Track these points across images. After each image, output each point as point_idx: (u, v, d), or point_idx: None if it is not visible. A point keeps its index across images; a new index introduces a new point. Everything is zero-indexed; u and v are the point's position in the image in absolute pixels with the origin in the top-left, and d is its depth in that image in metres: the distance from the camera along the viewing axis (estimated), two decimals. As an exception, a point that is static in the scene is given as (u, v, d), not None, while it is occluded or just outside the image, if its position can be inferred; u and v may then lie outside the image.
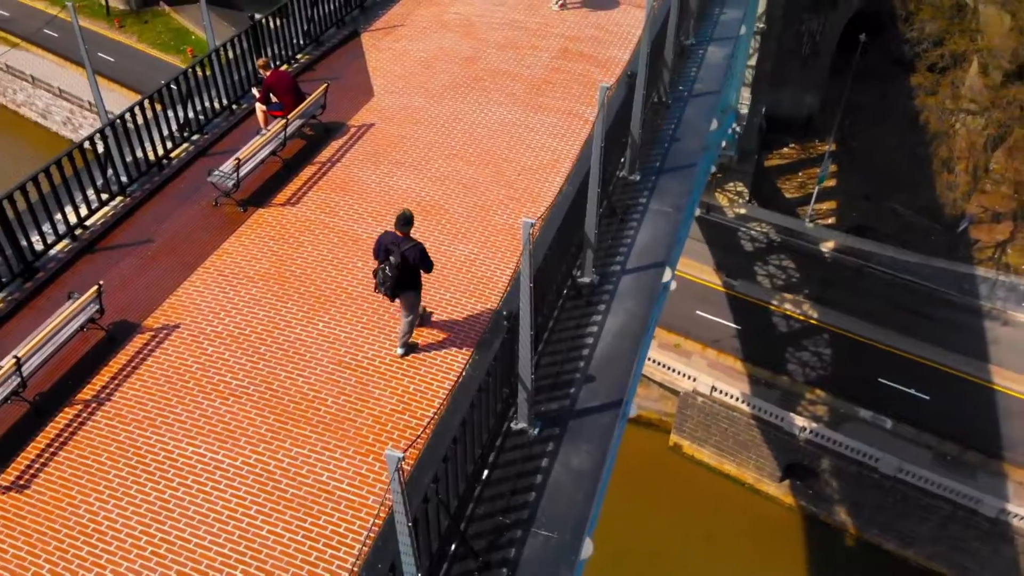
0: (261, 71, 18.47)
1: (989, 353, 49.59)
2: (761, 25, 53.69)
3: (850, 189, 57.94)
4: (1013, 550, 43.79)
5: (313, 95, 18.64)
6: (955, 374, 48.50)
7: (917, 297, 52.47)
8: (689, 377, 48.48)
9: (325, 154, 18.51)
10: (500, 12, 24.13)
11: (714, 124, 20.46)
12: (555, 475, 12.49)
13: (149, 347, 14.20)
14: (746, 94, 56.91)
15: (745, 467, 48.44)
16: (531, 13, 23.97)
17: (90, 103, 65.70)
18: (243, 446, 12.56)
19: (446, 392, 13.28)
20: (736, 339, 51.13)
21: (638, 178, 18.18)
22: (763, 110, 59.75)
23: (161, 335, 14.39)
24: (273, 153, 17.90)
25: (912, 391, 47.71)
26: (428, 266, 12.84)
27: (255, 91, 18.88)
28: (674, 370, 49.03)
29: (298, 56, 22.17)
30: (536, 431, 13.02)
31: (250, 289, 15.21)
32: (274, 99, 18.24)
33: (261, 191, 17.47)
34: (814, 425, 46.20)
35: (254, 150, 17.08)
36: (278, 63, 21.42)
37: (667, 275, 16.62)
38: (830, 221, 57.17)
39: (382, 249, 12.73)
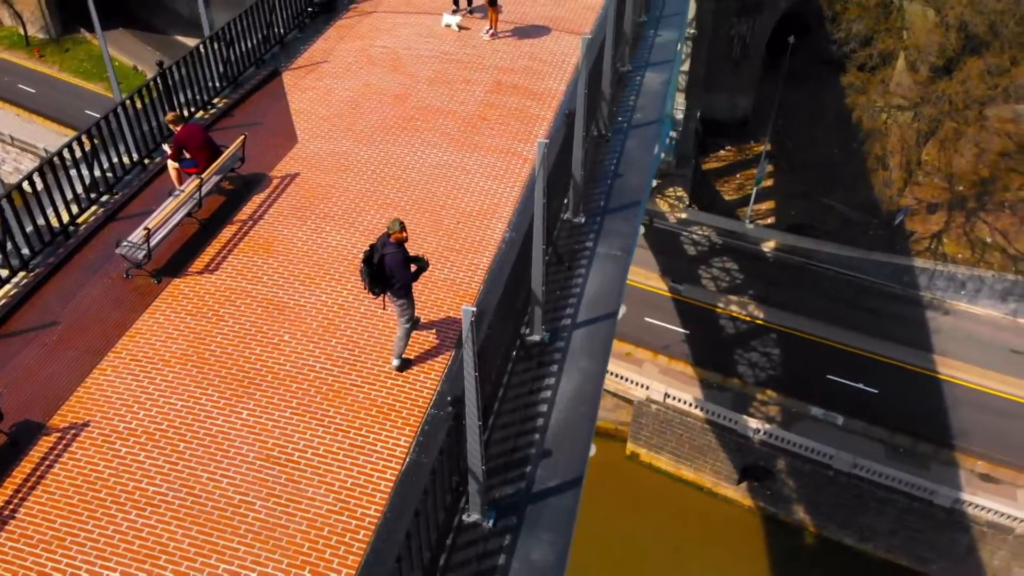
0: (171, 126, 16.62)
1: (933, 343, 49.17)
2: (692, 31, 52.76)
3: (787, 188, 57.27)
4: (969, 538, 43.30)
5: (230, 148, 16.83)
6: (901, 366, 47.98)
7: (859, 292, 51.92)
8: (642, 385, 47.29)
9: (246, 211, 16.71)
10: (429, 44, 22.44)
11: (656, 151, 19.01)
12: (514, 573, 10.97)
13: (56, 451, 12.34)
14: (681, 99, 56.01)
15: (703, 472, 47.42)
16: (461, 44, 22.32)
17: (11, 137, 62.70)
18: (164, 565, 10.81)
19: (388, 484, 11.67)
20: (686, 344, 50.11)
21: (583, 220, 16.69)
22: (698, 114, 58.87)
23: (69, 436, 12.54)
24: (189, 215, 16.07)
25: (860, 386, 47.12)
26: (404, 275, 12.47)
27: (166, 147, 17.00)
28: (627, 379, 47.77)
29: (215, 100, 20.28)
30: (491, 523, 11.45)
31: (166, 375, 13.40)
32: (187, 156, 16.39)
33: (177, 258, 15.63)
34: (767, 426, 45.30)
35: (165, 216, 15.25)
36: (193, 109, 19.55)
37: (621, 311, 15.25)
38: (770, 221, 56.46)
39: (369, 249, 12.59)
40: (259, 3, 21.97)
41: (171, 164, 16.60)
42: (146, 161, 18.16)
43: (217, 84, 20.55)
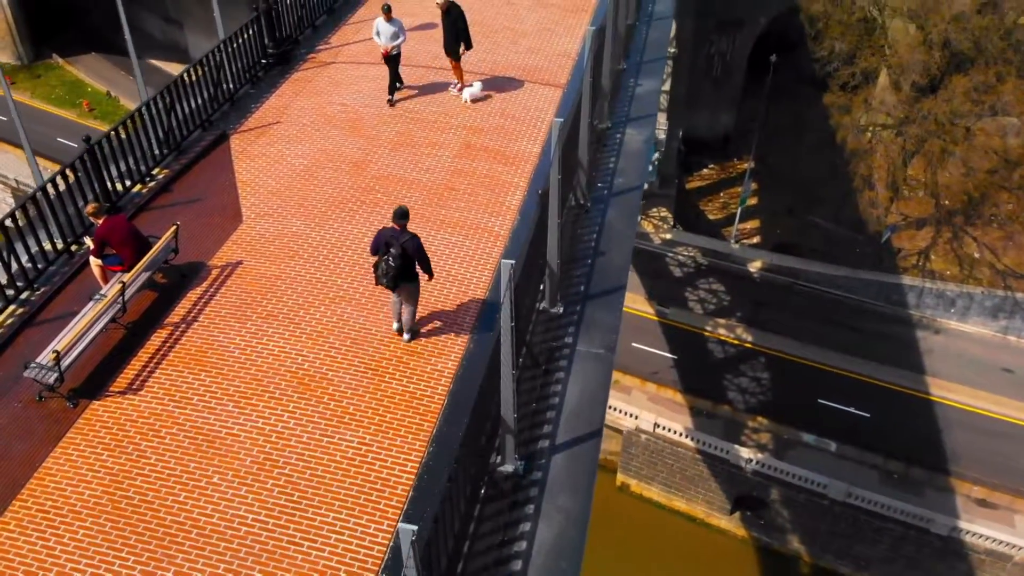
0: (91, 219, 14.20)
1: (924, 364, 47.09)
2: (672, 50, 50.47)
3: (772, 206, 55.10)
4: (967, 566, 41.20)
5: (160, 241, 14.40)
6: (893, 388, 45.89)
7: (848, 311, 49.79)
8: (631, 415, 44.99)
9: (179, 311, 14.28)
10: (386, 96, 20.01)
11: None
12: None
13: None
14: (662, 119, 53.75)
15: (695, 502, 45.16)
16: (428, 100, 19.89)
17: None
18: None
19: None
20: (674, 370, 47.86)
21: (560, 311, 14.33)
22: (680, 133, 56.63)
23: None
24: (113, 320, 13.64)
25: (852, 410, 45.00)
26: (425, 261, 12.57)
27: (88, 241, 14.55)
28: (616, 408, 45.45)
29: (154, 171, 17.81)
30: None
31: (75, 531, 10.98)
32: (111, 252, 13.97)
33: (97, 374, 13.18)
34: (760, 455, 43.09)
35: (81, 330, 12.82)
36: (129, 183, 17.11)
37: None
38: (755, 240, 54.25)
39: (382, 243, 12.32)
40: (208, 56, 19.54)
41: (94, 261, 14.17)
42: (73, 248, 15.66)
43: (158, 152, 18.06)
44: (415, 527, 6.87)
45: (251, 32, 20.74)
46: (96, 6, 66.12)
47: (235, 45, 20.19)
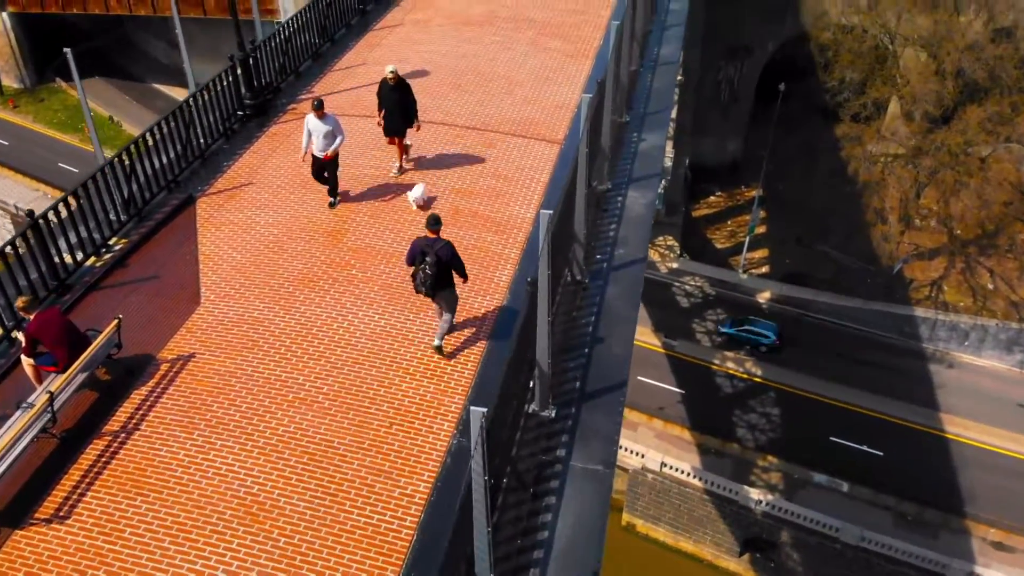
0: (22, 313, 12.24)
1: (938, 399, 44.83)
2: (679, 78, 48.47)
3: (781, 235, 52.97)
4: (985, 613, 38.85)
5: (100, 337, 12.41)
6: (906, 425, 43.68)
7: (859, 344, 47.58)
8: (637, 454, 42.82)
9: (120, 416, 12.28)
10: (375, 158, 17.99)
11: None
12: None
13: None
14: (669, 147, 51.69)
15: (703, 543, 42.93)
16: (419, 163, 17.88)
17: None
18: None
19: None
20: (681, 405, 45.72)
21: (552, 414, 12.25)
22: (687, 160, 54.59)
23: None
24: (44, 430, 11.64)
25: (864, 448, 42.78)
26: (461, 268, 12.44)
27: (20, 337, 12.56)
28: (622, 447, 43.17)
29: (111, 241, 15.84)
30: None
31: None
32: (44, 350, 12.00)
33: (21, 497, 11.20)
34: (770, 497, 40.89)
35: (2, 450, 10.82)
36: (81, 256, 15.16)
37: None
38: (764, 270, 52.09)
39: (418, 252, 12.18)
40: (180, 108, 17.61)
41: (25, 360, 12.18)
42: (13, 336, 13.68)
43: (118, 217, 16.10)
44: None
45: (226, 82, 18.76)
46: (103, 30, 64.77)
47: (207, 97, 18.19)
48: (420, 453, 11.52)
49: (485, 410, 7.74)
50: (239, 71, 18.83)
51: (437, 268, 12.03)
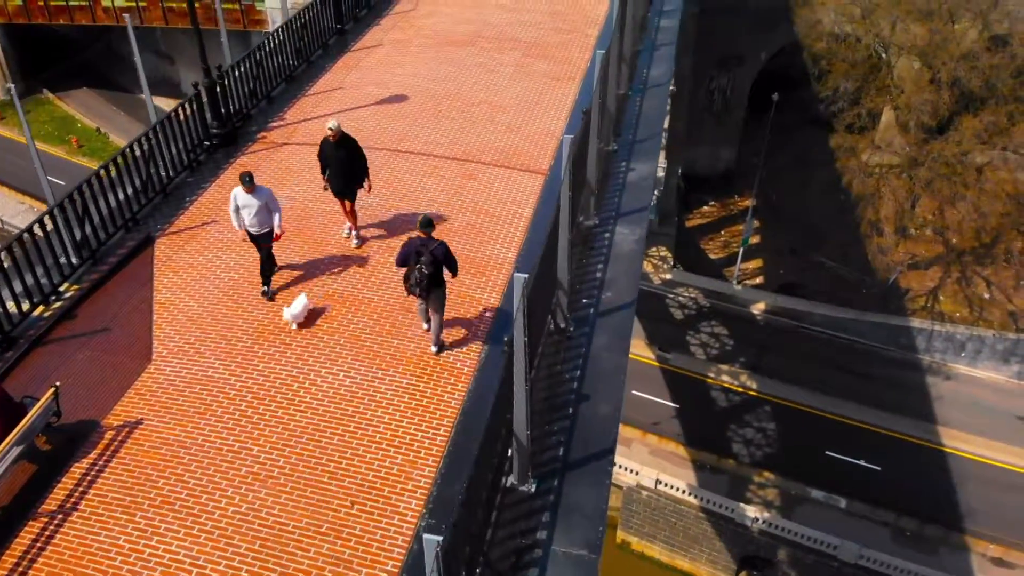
0: (-55, 382, 10.96)
1: (935, 412, 43.56)
2: (671, 88, 47.17)
3: (775, 245, 51.63)
4: (986, 632, 37.61)
5: (35, 408, 11.11)
6: (903, 439, 42.38)
7: (855, 356, 46.28)
8: (631, 471, 41.50)
9: (58, 493, 10.98)
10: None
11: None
12: None
13: None
14: (661, 157, 50.38)
15: (699, 562, 41.62)
16: (393, 194, 16.56)
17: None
18: None
19: None
20: (676, 420, 44.37)
21: (532, 489, 10.96)
22: (679, 170, 53.30)
23: None
24: (-31, 512, 10.36)
25: (862, 463, 41.48)
26: (453, 265, 12.19)
27: (-54, 407, 11.26)
28: (616, 463, 41.87)
29: (62, 288, 14.50)
30: None
31: None
32: (-31, 422, 10.70)
33: (-59, 591, 9.91)
34: (766, 514, 39.60)
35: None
36: (28, 305, 13.82)
37: None
38: (758, 281, 50.77)
39: (412, 253, 11.92)
40: (139, 141, 16.28)
41: (-49, 433, 10.87)
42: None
43: (71, 259, 14.76)
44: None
45: (192, 110, 17.43)
46: (90, 41, 63.36)
47: (170, 128, 16.87)
48: (384, 538, 10.23)
49: (440, 539, 6.44)
50: (205, 99, 17.46)
51: (433, 268, 11.82)
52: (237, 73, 18.91)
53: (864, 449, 41.89)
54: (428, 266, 11.80)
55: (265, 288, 13.93)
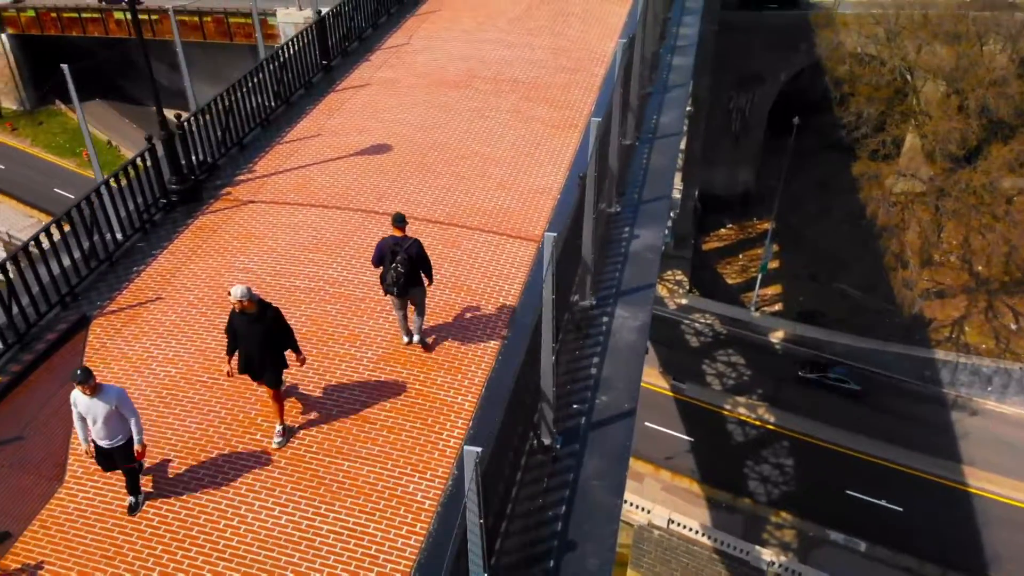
0: None
1: (960, 450, 40.92)
2: (689, 108, 44.74)
3: (795, 271, 49.08)
4: None
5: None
6: (927, 478, 39.79)
7: (876, 388, 43.67)
8: (643, 509, 39.14)
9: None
10: (312, 262, 14.37)
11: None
12: None
13: None
14: (677, 179, 47.93)
15: (711, 605, 39.11)
16: (356, 265, 14.26)
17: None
18: None
19: None
20: (690, 455, 42.00)
21: None
22: (696, 192, 50.81)
23: None
24: None
25: (883, 503, 38.92)
26: (428, 268, 11.53)
27: None
28: (627, 501, 39.57)
29: (-24, 385, 12.32)
30: None
31: None
32: None
33: None
34: (783, 558, 37.11)
35: None
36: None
37: None
38: (776, 307, 48.23)
39: (387, 252, 11.22)
40: (84, 201, 14.09)
41: None
42: None
43: (-5, 346, 12.60)
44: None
45: (146, 165, 15.24)
46: (103, 52, 61.77)
47: (121, 185, 14.70)
48: None
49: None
50: (161, 152, 15.26)
51: (409, 267, 11.20)
52: (206, 118, 16.67)
53: (886, 488, 39.42)
54: (403, 265, 11.18)
55: (133, 500, 10.19)
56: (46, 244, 13.46)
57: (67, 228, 13.80)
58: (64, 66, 25.03)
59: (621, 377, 12.08)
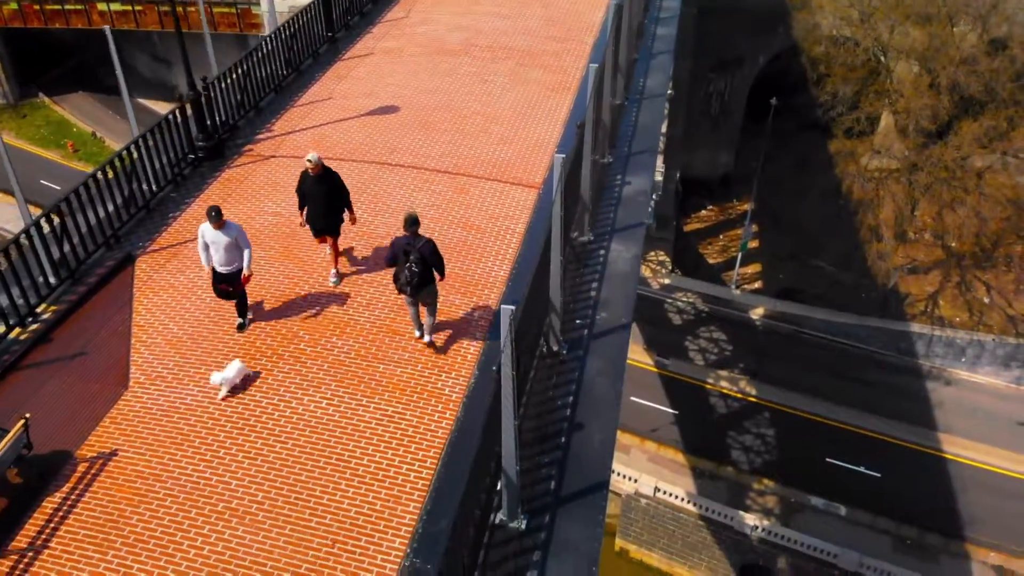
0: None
1: (936, 418, 43.04)
2: (670, 91, 46.69)
3: (774, 250, 51.10)
4: (987, 641, 37.09)
5: (5, 440, 10.58)
6: (904, 445, 41.84)
7: (854, 361, 45.75)
8: (630, 478, 40.99)
9: (29, 529, 10.46)
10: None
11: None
12: None
13: None
14: (659, 161, 49.86)
15: (697, 569, 41.09)
16: (383, 208, 16.00)
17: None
18: None
19: None
20: (675, 426, 43.85)
21: (522, 526, 10.43)
22: (677, 174, 52.75)
23: None
24: (-67, 551, 9.82)
25: (862, 469, 40.92)
26: (440, 265, 11.97)
27: (-92, 441, 10.73)
28: (614, 471, 41.37)
29: (37, 310, 13.95)
30: None
31: None
32: (-66, 458, 10.16)
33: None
34: (766, 522, 39.10)
35: None
36: (3, 328, 13.29)
37: None
38: (757, 285, 50.24)
39: (400, 252, 11.72)
40: (124, 153, 15.75)
41: (-86, 468, 10.35)
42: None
43: (50, 279, 14.22)
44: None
45: (176, 123, 16.89)
46: (87, 44, 62.81)
47: (154, 141, 16.34)
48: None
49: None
50: (189, 111, 16.93)
51: (422, 266, 11.63)
52: (225, 83, 18.34)
53: (864, 456, 41.39)
54: (417, 264, 11.62)
55: (241, 321, 13.23)
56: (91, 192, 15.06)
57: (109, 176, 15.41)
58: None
59: (618, 298, 13.90)
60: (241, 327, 13.18)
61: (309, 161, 13.12)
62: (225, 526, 10.27)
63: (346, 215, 13.76)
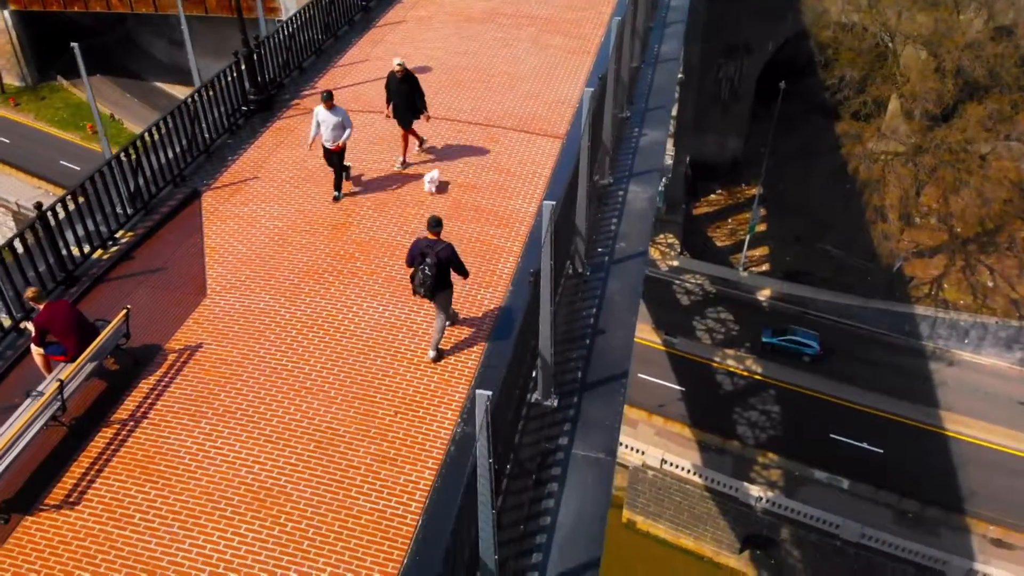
0: (31, 303, 12.46)
1: (938, 397, 45.08)
2: (680, 76, 48.72)
3: (781, 233, 53.17)
4: (985, 610, 39.05)
5: (108, 328, 12.64)
6: (906, 423, 43.91)
7: (859, 342, 47.83)
8: (638, 451, 43.02)
9: (128, 405, 12.50)
10: (380, 151, 18.20)
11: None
12: None
13: None
14: (669, 144, 51.93)
15: (703, 540, 43.20)
16: (419, 153, 18.10)
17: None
18: None
19: None
20: (682, 402, 45.94)
21: (555, 403, 12.48)
22: (687, 158, 54.81)
23: None
24: (53, 418, 11.86)
25: (865, 445, 43.03)
26: (461, 267, 12.41)
27: (29, 327, 12.81)
28: (622, 444, 43.41)
29: (117, 234, 16.06)
30: None
31: None
32: (53, 340, 12.22)
33: (31, 484, 11.43)
34: (770, 494, 41.12)
35: (12, 438, 11.04)
36: (88, 248, 15.38)
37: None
38: (764, 268, 52.30)
39: (417, 253, 12.11)
40: (184, 104, 17.84)
41: (35, 350, 12.43)
42: (22, 327, 13.90)
43: (125, 211, 16.32)
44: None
45: (231, 78, 18.99)
46: (105, 28, 64.97)
47: (213, 92, 18.43)
48: (424, 440, 11.73)
49: (489, 394, 7.96)
50: (243, 67, 19.01)
51: (437, 269, 11.96)
52: (271, 45, 20.42)
53: (867, 432, 43.39)
54: (432, 267, 11.89)
55: (337, 194, 16.57)
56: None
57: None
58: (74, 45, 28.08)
59: (635, 231, 15.96)
60: (337, 199, 16.52)
61: (398, 64, 16.44)
62: (301, 401, 12.33)
63: (422, 116, 17.01)
